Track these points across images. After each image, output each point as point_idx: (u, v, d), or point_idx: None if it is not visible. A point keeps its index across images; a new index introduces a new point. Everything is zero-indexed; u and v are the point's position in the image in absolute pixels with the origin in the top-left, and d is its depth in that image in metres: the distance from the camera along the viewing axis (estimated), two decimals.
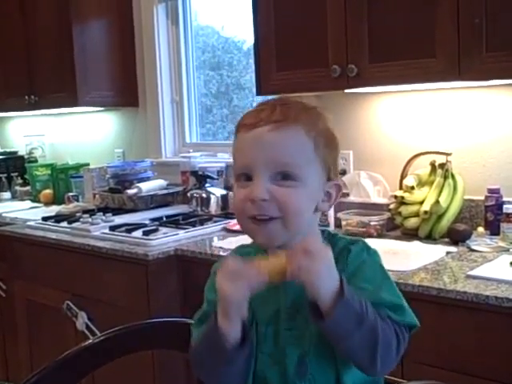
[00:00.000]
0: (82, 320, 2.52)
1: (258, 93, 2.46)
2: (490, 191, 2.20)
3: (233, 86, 3.29)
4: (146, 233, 2.45)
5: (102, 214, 2.80)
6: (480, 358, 1.61)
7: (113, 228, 2.58)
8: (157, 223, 2.66)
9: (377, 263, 1.06)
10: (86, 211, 2.94)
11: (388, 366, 0.99)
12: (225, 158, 3.12)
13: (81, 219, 2.75)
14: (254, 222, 1.01)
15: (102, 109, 3.56)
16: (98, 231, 2.59)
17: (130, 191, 3.00)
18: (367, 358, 0.96)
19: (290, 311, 1.04)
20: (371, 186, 2.47)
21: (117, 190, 3.08)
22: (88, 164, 3.60)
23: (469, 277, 1.72)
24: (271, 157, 0.99)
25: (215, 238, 2.45)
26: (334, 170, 1.07)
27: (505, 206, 2.12)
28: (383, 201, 2.42)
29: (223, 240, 2.40)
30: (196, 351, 1.06)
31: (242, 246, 1.16)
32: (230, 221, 2.67)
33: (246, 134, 1.02)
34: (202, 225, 2.61)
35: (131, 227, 2.56)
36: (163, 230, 2.53)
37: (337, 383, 1.03)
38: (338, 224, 2.38)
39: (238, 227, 2.57)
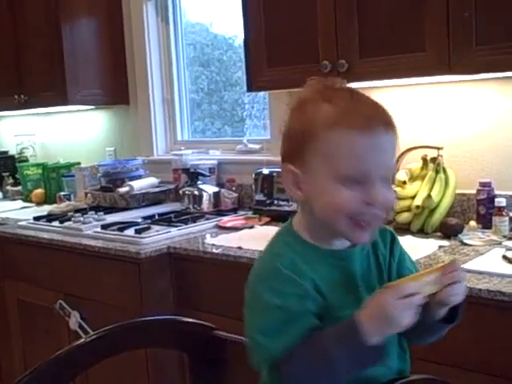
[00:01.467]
0: (74, 319, 2.51)
1: (249, 89, 2.46)
2: (482, 185, 2.20)
3: (223, 82, 3.29)
4: (138, 231, 2.44)
5: (93, 212, 2.80)
6: (473, 352, 1.61)
7: (105, 227, 2.57)
8: (149, 221, 2.65)
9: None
10: (77, 210, 2.93)
11: None
12: (216, 155, 3.12)
13: (72, 218, 2.74)
14: (356, 223, 1.02)
15: (92, 107, 3.54)
16: (90, 230, 2.58)
17: (122, 189, 2.99)
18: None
19: (360, 290, 1.08)
20: None
21: (108, 189, 3.07)
22: (79, 163, 3.58)
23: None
24: (387, 162, 1.03)
25: (208, 236, 2.45)
26: None
27: (496, 200, 2.12)
28: None
29: (216, 237, 2.40)
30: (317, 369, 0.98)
31: (287, 248, 1.09)
32: (222, 218, 2.67)
33: (362, 136, 1.00)
34: (194, 222, 2.60)
35: (123, 226, 2.55)
36: (155, 227, 2.53)
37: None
38: None
39: (230, 224, 2.57)
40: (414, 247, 2.02)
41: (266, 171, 2.70)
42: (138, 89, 3.39)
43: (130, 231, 2.47)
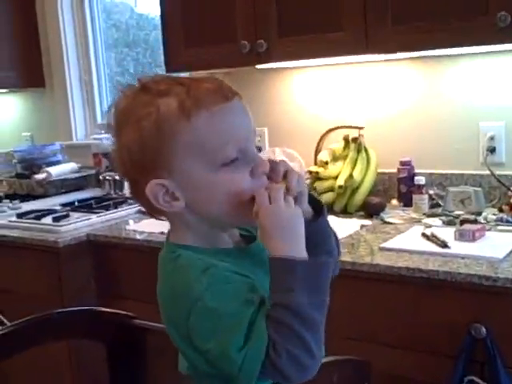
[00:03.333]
0: None
1: (168, 70, 2.39)
2: (402, 163, 2.23)
3: (149, 64, 3.20)
4: (56, 219, 2.35)
5: (8, 201, 2.68)
6: (393, 328, 1.63)
7: (20, 215, 2.47)
8: (68, 208, 2.56)
9: None
10: None
11: None
12: None
13: None
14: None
15: (5, 91, 3.38)
16: (5, 219, 2.47)
17: (39, 176, 2.89)
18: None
19: None
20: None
21: (25, 176, 2.96)
22: None
23: (382, 249, 1.74)
24: (250, 127, 0.94)
25: (130, 221, 2.39)
26: None
27: (416, 178, 2.16)
28: None
29: (138, 223, 2.34)
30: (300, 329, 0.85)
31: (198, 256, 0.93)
32: None
33: (222, 111, 0.90)
34: (115, 208, 2.53)
35: (40, 214, 2.45)
36: (75, 215, 2.44)
37: None
38: None
39: None
40: (337, 227, 2.02)
41: None
42: (53, 71, 3.25)
43: (48, 219, 2.38)
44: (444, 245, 1.69)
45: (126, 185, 2.74)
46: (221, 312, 0.86)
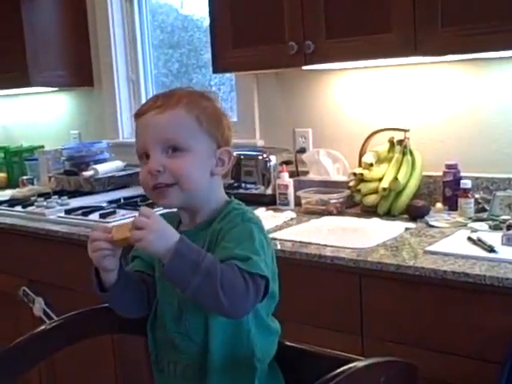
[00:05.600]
0: (38, 306, 2.46)
1: (215, 70, 2.42)
2: (448, 167, 2.21)
3: (192, 65, 3.24)
4: (102, 215, 2.40)
5: (57, 197, 2.74)
6: (438, 333, 1.62)
7: (68, 211, 2.53)
8: (114, 205, 2.61)
9: (247, 230, 1.19)
10: (41, 195, 2.88)
11: (238, 305, 1.12)
12: None
13: (35, 203, 2.69)
14: (155, 191, 1.21)
15: (56, 89, 3.46)
16: (54, 215, 2.53)
17: (87, 173, 2.95)
18: (212, 300, 1.09)
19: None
20: (330, 164, 2.47)
21: (73, 173, 3.02)
22: (43, 146, 3.51)
23: (427, 252, 1.72)
24: (158, 135, 1.20)
25: None
26: (224, 140, 1.25)
27: (462, 182, 2.13)
28: (343, 178, 2.42)
29: None
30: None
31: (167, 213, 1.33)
32: None
33: (137, 121, 1.24)
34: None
35: (87, 210, 2.51)
36: (121, 212, 2.48)
37: (205, 327, 1.20)
38: (297, 202, 2.37)
39: None
40: (381, 229, 2.03)
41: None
42: (102, 70, 3.32)
43: (95, 216, 2.43)
44: (491, 249, 1.67)
45: None
46: None
